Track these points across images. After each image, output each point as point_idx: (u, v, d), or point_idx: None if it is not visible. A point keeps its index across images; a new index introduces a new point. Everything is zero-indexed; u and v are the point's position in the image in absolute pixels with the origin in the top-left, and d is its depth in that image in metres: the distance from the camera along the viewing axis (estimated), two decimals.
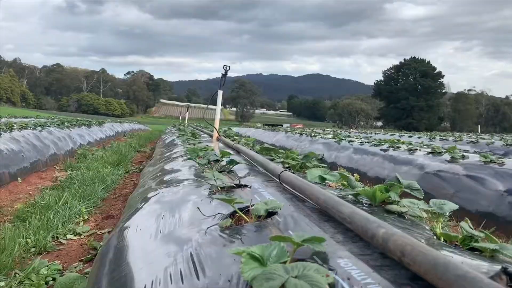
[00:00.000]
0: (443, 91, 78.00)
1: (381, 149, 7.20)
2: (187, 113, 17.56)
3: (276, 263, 0.99)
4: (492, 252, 1.27)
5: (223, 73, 5.94)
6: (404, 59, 78.02)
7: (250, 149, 4.49)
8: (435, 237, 1.42)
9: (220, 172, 2.72)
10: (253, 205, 1.58)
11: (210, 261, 1.23)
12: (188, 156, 3.24)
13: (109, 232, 3.45)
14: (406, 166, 6.14)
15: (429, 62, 76.59)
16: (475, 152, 7.48)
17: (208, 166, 2.90)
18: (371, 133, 20.32)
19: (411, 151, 6.53)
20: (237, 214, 1.59)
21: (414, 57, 77.63)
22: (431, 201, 1.59)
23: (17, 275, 2.57)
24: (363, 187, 2.32)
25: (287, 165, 3.09)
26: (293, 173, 2.22)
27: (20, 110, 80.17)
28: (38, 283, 2.45)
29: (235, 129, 21.58)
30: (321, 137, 10.62)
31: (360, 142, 8.25)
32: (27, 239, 3.21)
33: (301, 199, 1.82)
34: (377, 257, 1.08)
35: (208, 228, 1.54)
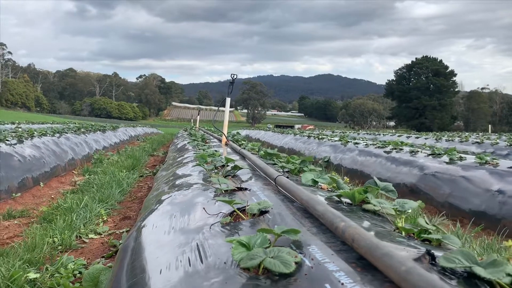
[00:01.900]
0: (456, 89, 77.41)
1: (385, 151, 7.47)
2: (198, 116, 17.95)
3: (259, 248, 1.31)
4: (437, 241, 1.57)
5: (231, 81, 6.29)
6: (416, 58, 77.67)
7: (255, 153, 4.82)
8: (397, 230, 1.72)
9: (225, 176, 3.05)
10: (249, 205, 1.91)
11: (211, 250, 1.55)
12: (197, 162, 3.58)
13: (127, 231, 3.80)
14: (407, 167, 6.41)
15: (441, 60, 76.11)
16: (473, 153, 7.69)
17: (215, 171, 3.23)
18: (379, 134, 20.51)
19: (413, 153, 6.79)
20: (236, 212, 1.91)
21: (426, 56, 77.24)
22: (396, 200, 1.89)
23: (48, 269, 2.92)
24: (350, 188, 2.63)
25: (287, 169, 3.40)
26: (287, 177, 2.53)
27: (35, 115, 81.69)
28: (67, 276, 2.80)
29: (245, 131, 21.88)
30: (328, 140, 10.89)
31: (365, 145, 8.52)
32: (54, 238, 3.57)
33: (291, 200, 2.14)
34: (338, 244, 1.40)
35: (211, 224, 1.87)
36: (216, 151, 5.02)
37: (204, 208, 2.03)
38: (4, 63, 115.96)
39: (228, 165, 3.26)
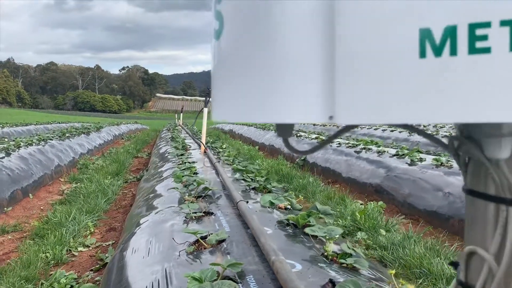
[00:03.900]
0: None
1: (355, 151, 7.97)
2: (182, 114, 18.30)
3: (208, 281, 1.75)
4: (351, 265, 2.03)
5: (207, 92, 6.70)
6: None
7: (229, 164, 5.26)
8: (325, 254, 2.17)
9: (198, 197, 3.48)
10: (210, 236, 2.35)
11: (176, 278, 1.99)
12: (173, 181, 4.02)
13: (112, 244, 4.21)
14: (373, 167, 6.91)
15: None
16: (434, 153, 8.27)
17: (188, 191, 3.65)
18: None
19: (380, 153, 7.29)
20: (199, 242, 2.35)
21: None
22: (326, 227, 2.34)
23: (43, 284, 3.33)
24: (300, 208, 3.09)
25: (253, 187, 3.85)
26: (247, 202, 2.98)
27: (17, 110, 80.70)
28: None
29: (228, 126, 22.25)
30: (306, 138, 11.37)
31: (338, 143, 9.01)
32: (47, 254, 3.97)
33: (247, 226, 2.58)
34: (271, 274, 1.84)
35: (179, 252, 2.31)
36: (194, 162, 5.45)
37: (173, 238, 2.46)
38: None
39: (200, 185, 3.69)
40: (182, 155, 6.40)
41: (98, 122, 30.05)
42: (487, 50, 0.54)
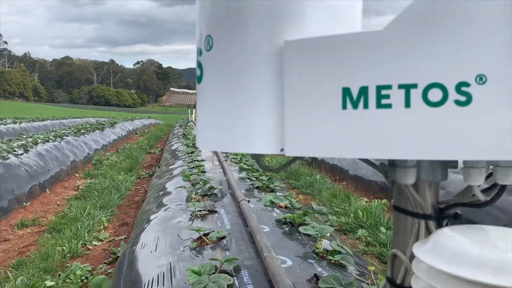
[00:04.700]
0: None
1: None
2: (194, 110, 18.57)
3: (206, 275, 1.95)
4: (338, 261, 2.21)
5: None
6: None
7: (236, 163, 5.47)
8: (316, 251, 2.36)
9: (204, 195, 3.69)
10: (211, 233, 2.55)
11: (179, 271, 2.20)
12: (182, 179, 4.24)
13: (124, 239, 4.46)
14: None
15: None
16: None
17: (195, 190, 3.86)
18: None
19: None
20: (202, 238, 2.56)
21: None
22: (319, 226, 2.53)
23: (60, 275, 3.59)
24: (299, 207, 3.28)
25: (256, 185, 4.04)
26: (248, 201, 3.17)
27: (34, 104, 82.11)
28: (76, 281, 3.46)
29: None
30: None
31: None
32: (63, 247, 4.23)
33: (247, 224, 2.78)
34: (263, 269, 2.04)
35: (184, 247, 2.52)
36: (203, 161, 5.67)
37: (178, 235, 2.67)
38: None
39: (206, 185, 3.90)
40: (192, 152, 6.62)
41: (113, 116, 30.54)
42: (389, 106, 0.73)
